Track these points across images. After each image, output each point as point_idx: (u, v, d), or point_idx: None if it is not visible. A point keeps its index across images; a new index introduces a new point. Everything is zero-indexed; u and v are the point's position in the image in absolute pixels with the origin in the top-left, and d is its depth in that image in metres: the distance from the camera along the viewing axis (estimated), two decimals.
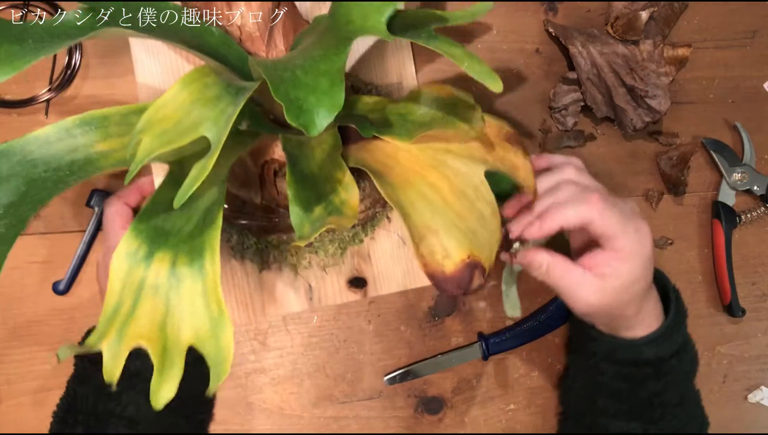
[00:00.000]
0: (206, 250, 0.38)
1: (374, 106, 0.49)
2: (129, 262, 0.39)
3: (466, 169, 0.45)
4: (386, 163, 0.45)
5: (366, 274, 0.61)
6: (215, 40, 0.45)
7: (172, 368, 0.38)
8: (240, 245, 0.58)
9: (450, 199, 0.44)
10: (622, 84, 0.62)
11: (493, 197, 0.45)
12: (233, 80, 0.38)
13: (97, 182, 0.58)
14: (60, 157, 0.40)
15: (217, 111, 0.34)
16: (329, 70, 0.35)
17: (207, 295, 0.38)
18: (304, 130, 0.33)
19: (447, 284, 0.41)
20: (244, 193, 0.55)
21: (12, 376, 0.58)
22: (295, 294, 0.60)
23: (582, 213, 0.47)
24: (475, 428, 0.65)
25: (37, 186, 0.39)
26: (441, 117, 0.45)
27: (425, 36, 0.40)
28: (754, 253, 0.69)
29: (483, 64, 0.39)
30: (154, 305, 0.38)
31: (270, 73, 0.34)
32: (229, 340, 0.38)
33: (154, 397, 0.37)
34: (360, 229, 0.60)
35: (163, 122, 0.34)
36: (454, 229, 0.42)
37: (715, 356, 0.68)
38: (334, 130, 0.45)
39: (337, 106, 0.34)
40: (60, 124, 0.40)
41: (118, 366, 0.38)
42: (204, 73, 0.36)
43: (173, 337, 0.38)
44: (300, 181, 0.41)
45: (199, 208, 0.40)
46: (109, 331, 0.39)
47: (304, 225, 0.39)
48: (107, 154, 0.41)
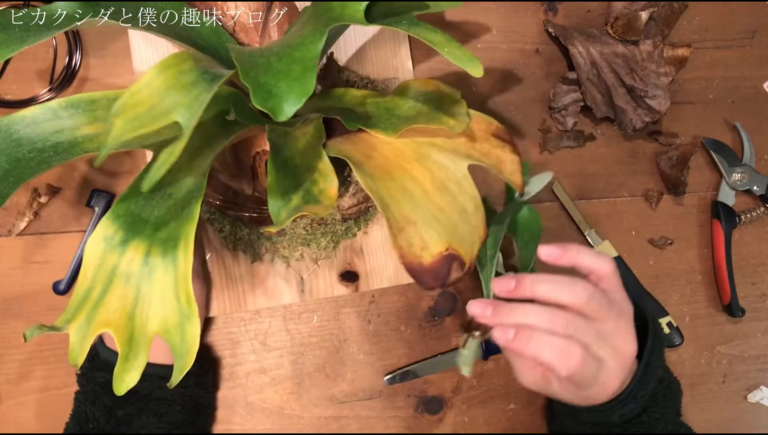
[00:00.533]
0: (180, 242, 0.38)
1: (362, 99, 0.49)
2: (104, 247, 0.39)
3: (449, 163, 0.45)
4: (369, 154, 0.45)
5: (358, 268, 0.61)
6: (206, 31, 0.45)
7: (137, 357, 0.38)
8: (232, 236, 0.59)
9: (431, 193, 0.44)
10: (622, 84, 0.62)
11: (477, 192, 0.45)
12: (211, 67, 0.38)
13: (97, 182, 0.58)
14: (45, 137, 0.40)
15: (191, 97, 0.34)
16: (303, 57, 0.35)
17: (177, 287, 0.38)
18: (271, 114, 0.33)
19: (424, 276, 0.41)
20: (236, 184, 0.55)
21: (12, 376, 0.58)
22: (286, 286, 0.60)
23: (555, 362, 0.44)
24: (475, 428, 0.65)
25: (20, 165, 0.39)
26: (426, 111, 0.45)
27: (406, 23, 0.40)
28: (753, 253, 0.69)
29: (462, 49, 0.39)
30: (124, 293, 0.39)
31: (241, 59, 0.34)
32: (195, 333, 0.38)
33: (116, 384, 0.38)
34: (353, 223, 0.60)
35: (137, 107, 0.34)
36: (433, 222, 0.42)
37: (715, 356, 0.68)
38: (319, 121, 0.45)
39: (306, 93, 0.34)
40: (47, 105, 0.40)
41: (84, 350, 0.39)
42: (181, 59, 0.36)
43: (140, 326, 0.39)
44: (281, 170, 0.41)
45: (176, 197, 0.40)
46: (78, 315, 0.39)
47: (280, 212, 0.40)
48: (92, 137, 0.41)
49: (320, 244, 0.60)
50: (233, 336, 0.61)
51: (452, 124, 0.43)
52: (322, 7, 0.40)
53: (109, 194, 0.58)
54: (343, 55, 0.61)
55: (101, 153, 0.34)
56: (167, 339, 0.38)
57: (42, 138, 0.40)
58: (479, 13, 0.65)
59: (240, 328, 0.61)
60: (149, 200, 0.40)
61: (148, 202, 0.40)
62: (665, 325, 0.65)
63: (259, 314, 0.61)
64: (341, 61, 0.61)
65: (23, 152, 0.39)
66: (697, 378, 0.68)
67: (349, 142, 0.47)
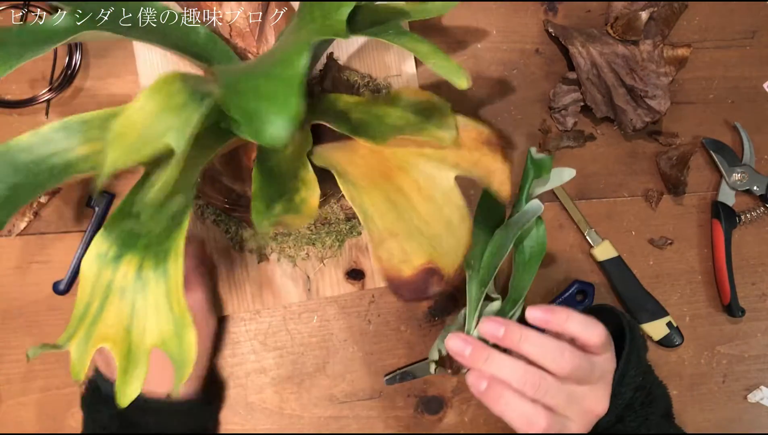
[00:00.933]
0: (171, 253, 0.38)
1: (354, 105, 0.49)
2: (98, 264, 0.39)
3: (436, 173, 0.45)
4: (356, 163, 0.45)
5: (364, 266, 0.61)
6: (201, 39, 0.45)
7: (136, 368, 0.39)
8: (238, 237, 0.59)
9: (416, 203, 0.43)
10: (622, 84, 0.62)
11: (464, 202, 0.44)
12: (201, 84, 0.38)
13: None
14: (40, 161, 0.41)
15: (182, 119, 0.34)
16: (291, 76, 0.34)
17: (170, 298, 0.38)
18: (268, 144, 0.32)
19: (403, 289, 0.40)
20: (239, 187, 0.55)
21: (12, 376, 0.58)
22: (293, 285, 0.60)
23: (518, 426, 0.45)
24: (475, 428, 0.65)
25: (17, 191, 0.39)
26: (416, 122, 0.44)
27: (392, 32, 0.39)
28: (753, 253, 0.69)
29: (449, 60, 0.39)
30: (120, 308, 0.39)
31: (228, 86, 0.34)
32: (192, 341, 0.38)
33: (119, 397, 0.38)
34: (357, 221, 0.60)
35: (129, 134, 0.34)
36: (416, 234, 0.42)
37: (715, 356, 0.68)
38: (307, 128, 0.45)
39: (299, 115, 0.33)
40: (41, 130, 0.41)
41: (84, 365, 0.39)
42: (169, 81, 0.36)
43: (138, 339, 0.39)
44: (266, 177, 0.41)
45: (168, 211, 0.40)
46: (77, 332, 0.39)
47: (262, 221, 0.40)
48: (85, 158, 0.42)
49: (325, 243, 0.60)
50: (233, 336, 0.61)
51: (440, 137, 0.43)
52: (305, 18, 0.40)
53: (109, 194, 0.58)
54: (344, 53, 0.61)
55: (98, 183, 0.34)
56: (165, 350, 0.39)
57: (37, 162, 0.40)
58: (479, 14, 0.65)
59: (240, 328, 0.61)
60: (141, 215, 0.40)
61: (140, 217, 0.40)
62: (665, 325, 0.65)
63: (259, 314, 0.61)
64: (342, 59, 0.61)
65: (20, 178, 0.40)
66: (697, 378, 0.68)
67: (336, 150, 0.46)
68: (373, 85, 0.61)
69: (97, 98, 0.59)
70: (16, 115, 0.58)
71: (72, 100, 0.58)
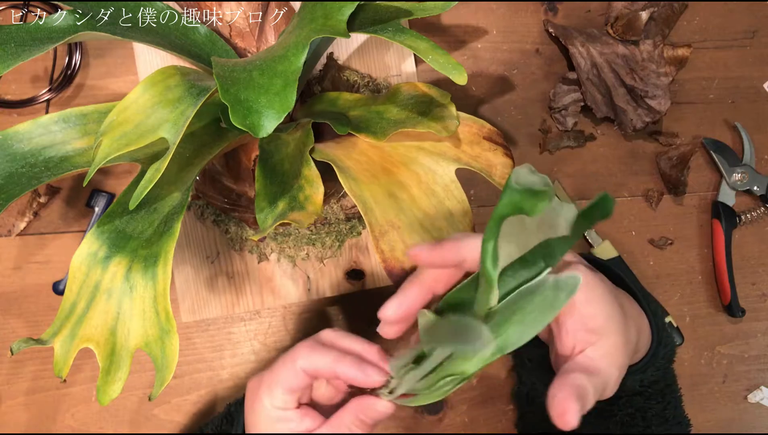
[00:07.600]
0: (160, 259, 0.38)
1: (354, 103, 0.49)
2: (88, 263, 0.39)
3: (437, 167, 0.45)
4: (357, 158, 0.45)
5: (364, 266, 0.61)
6: (201, 39, 0.45)
7: (119, 370, 0.39)
8: (238, 237, 0.59)
9: (417, 197, 0.44)
10: (622, 84, 0.62)
11: (465, 196, 0.44)
12: (201, 79, 0.38)
13: (97, 182, 0.58)
14: (37, 152, 0.41)
15: (178, 113, 0.34)
16: (285, 71, 0.34)
17: (157, 303, 0.39)
18: (250, 131, 0.33)
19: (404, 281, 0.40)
20: (238, 187, 0.55)
21: (12, 376, 0.58)
22: (293, 285, 0.60)
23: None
24: (475, 428, 0.64)
25: (12, 181, 0.39)
26: (415, 115, 0.45)
27: (392, 30, 0.40)
28: (754, 253, 0.69)
29: (447, 57, 0.39)
30: (106, 309, 0.39)
31: (223, 75, 0.34)
32: (174, 347, 0.38)
33: (100, 396, 0.39)
34: (357, 221, 0.60)
35: (124, 125, 0.34)
36: (418, 226, 0.42)
37: (715, 356, 0.68)
38: (308, 126, 0.45)
39: (287, 108, 0.33)
40: (39, 120, 0.41)
41: (68, 364, 0.40)
42: (168, 74, 0.36)
43: (122, 341, 0.39)
44: (269, 176, 0.41)
45: (161, 213, 0.40)
46: (62, 329, 0.40)
47: (267, 219, 0.40)
48: (82, 152, 0.42)
49: (325, 243, 0.60)
50: (233, 336, 0.61)
51: (440, 128, 0.43)
52: (306, 17, 0.40)
53: (108, 194, 0.58)
54: (344, 53, 0.61)
55: (89, 172, 0.34)
56: (148, 352, 0.39)
57: (34, 153, 0.41)
58: (479, 14, 0.65)
59: (240, 328, 0.61)
60: (134, 215, 0.40)
61: (133, 218, 0.40)
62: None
63: (259, 314, 0.61)
64: (342, 59, 0.61)
65: (16, 167, 0.40)
66: (697, 378, 0.68)
67: (338, 147, 0.47)
68: (373, 85, 0.61)
69: (97, 98, 0.59)
70: (16, 114, 0.58)
71: (72, 100, 0.58)
